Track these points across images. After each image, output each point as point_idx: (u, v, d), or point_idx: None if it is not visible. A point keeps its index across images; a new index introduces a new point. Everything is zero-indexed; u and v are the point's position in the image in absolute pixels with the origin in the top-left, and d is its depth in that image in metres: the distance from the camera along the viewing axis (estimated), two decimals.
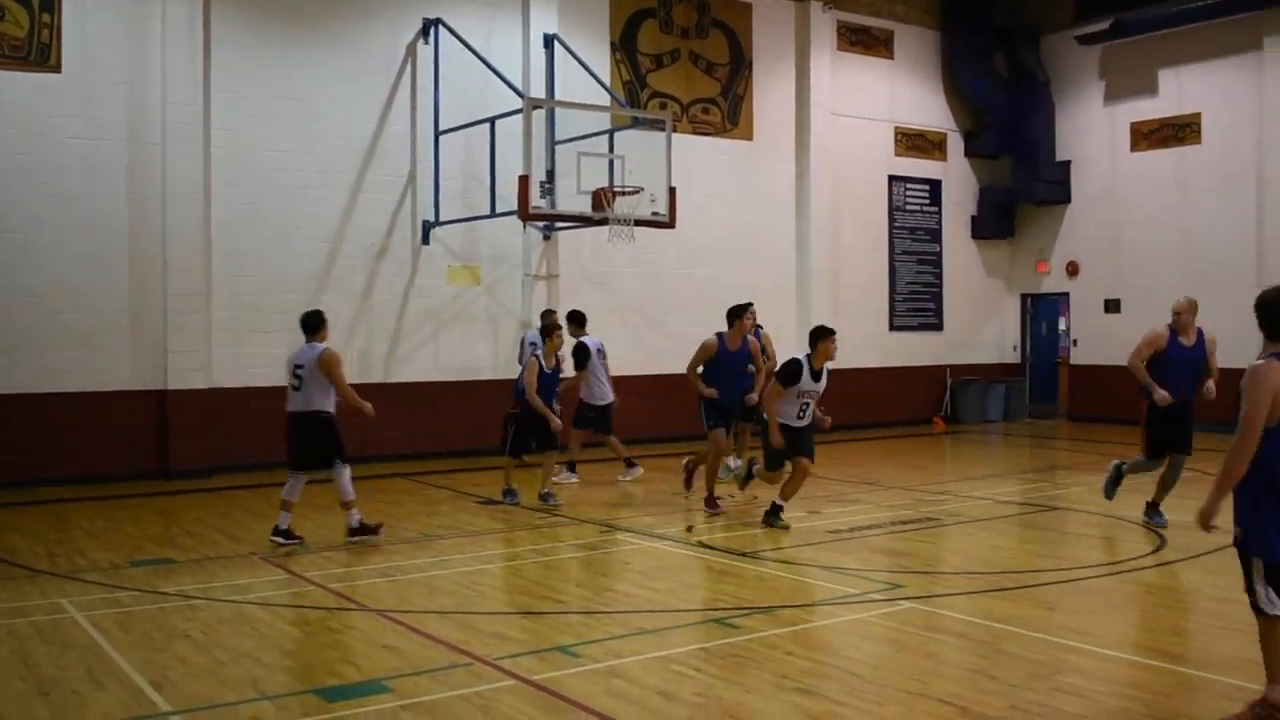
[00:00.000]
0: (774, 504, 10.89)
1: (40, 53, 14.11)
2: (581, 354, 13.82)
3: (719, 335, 11.96)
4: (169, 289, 14.78)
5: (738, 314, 12.09)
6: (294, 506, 10.09)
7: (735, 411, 12.23)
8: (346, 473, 10.16)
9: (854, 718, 5.57)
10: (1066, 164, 22.76)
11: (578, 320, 14.47)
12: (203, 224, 15.04)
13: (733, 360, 11.91)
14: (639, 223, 14.83)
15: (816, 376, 10.56)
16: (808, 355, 10.55)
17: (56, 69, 14.19)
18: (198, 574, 9.14)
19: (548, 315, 14.99)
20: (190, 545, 10.36)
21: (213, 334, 15.13)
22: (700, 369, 11.89)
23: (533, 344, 14.20)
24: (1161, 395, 10.29)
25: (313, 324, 10.25)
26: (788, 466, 10.90)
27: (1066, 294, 23.05)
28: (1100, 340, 21.96)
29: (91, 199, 14.40)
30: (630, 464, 14.27)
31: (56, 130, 14.22)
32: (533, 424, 12.16)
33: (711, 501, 11.82)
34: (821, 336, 10.57)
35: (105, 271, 14.52)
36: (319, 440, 10.04)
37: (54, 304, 14.17)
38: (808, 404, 10.65)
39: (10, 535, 10.85)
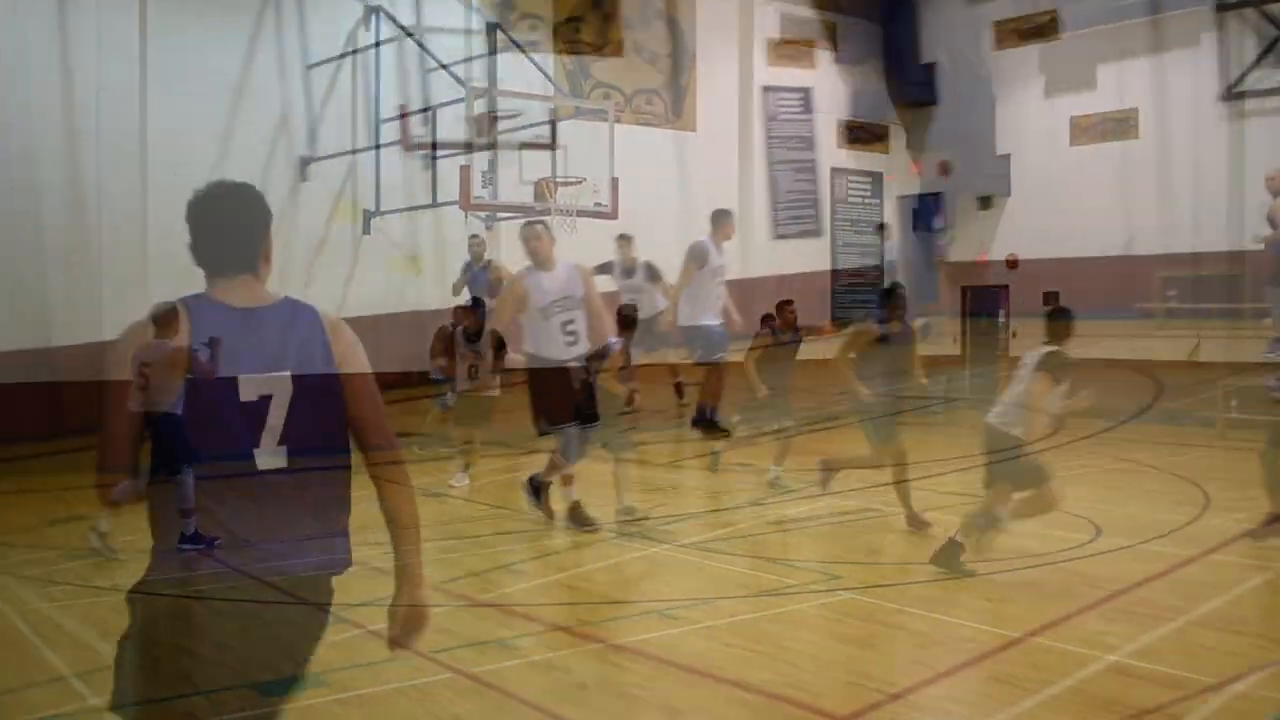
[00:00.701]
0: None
1: None
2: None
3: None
4: (104, 276, 14.53)
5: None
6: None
7: None
8: (190, 479, 9.71)
9: (791, 709, 5.59)
10: (1006, 157, 22.98)
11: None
12: (139, 211, 14.78)
13: None
14: (581, 214, 14.79)
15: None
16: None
17: None
18: (132, 567, 8.97)
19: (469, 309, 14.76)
20: (126, 538, 10.19)
21: None
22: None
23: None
24: None
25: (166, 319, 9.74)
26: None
27: (1006, 286, 23.27)
28: (1039, 333, 22.15)
29: (23, 185, 14.11)
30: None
31: None
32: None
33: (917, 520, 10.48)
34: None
35: (37, 259, 14.23)
36: (165, 440, 9.52)
37: None
38: None
39: None
